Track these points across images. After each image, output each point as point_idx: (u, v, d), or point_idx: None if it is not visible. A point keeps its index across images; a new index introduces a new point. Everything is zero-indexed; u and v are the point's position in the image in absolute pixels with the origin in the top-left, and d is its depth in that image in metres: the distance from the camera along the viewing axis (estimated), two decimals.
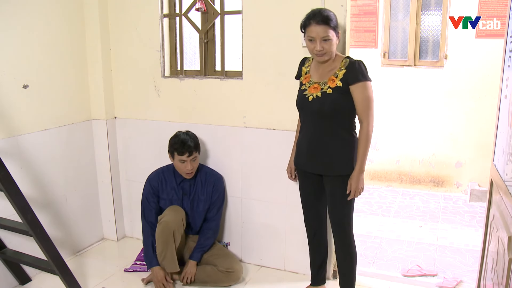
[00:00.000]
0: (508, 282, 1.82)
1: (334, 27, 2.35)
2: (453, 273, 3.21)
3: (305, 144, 2.55)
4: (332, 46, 2.38)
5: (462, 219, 4.32)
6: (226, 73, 3.18)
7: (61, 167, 3.27)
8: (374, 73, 5.15)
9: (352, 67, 2.37)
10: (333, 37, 2.35)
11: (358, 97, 2.37)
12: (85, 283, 3.00)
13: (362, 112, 2.39)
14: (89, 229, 3.59)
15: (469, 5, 4.60)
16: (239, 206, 3.26)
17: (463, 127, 4.91)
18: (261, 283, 3.08)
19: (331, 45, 2.37)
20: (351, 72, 2.37)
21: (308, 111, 2.49)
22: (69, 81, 3.29)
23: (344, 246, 2.60)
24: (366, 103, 2.38)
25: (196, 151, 2.95)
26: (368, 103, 2.38)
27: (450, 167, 5.08)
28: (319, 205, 2.70)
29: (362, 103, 2.38)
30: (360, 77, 2.36)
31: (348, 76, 2.37)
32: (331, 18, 2.34)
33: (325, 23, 2.33)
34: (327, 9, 2.40)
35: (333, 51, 2.40)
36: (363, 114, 2.39)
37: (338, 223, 2.56)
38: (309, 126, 2.53)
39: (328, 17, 2.33)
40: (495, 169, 2.38)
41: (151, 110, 3.42)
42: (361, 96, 2.37)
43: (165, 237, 2.86)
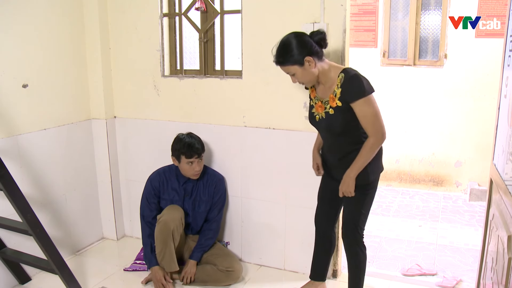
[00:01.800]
0: (508, 281, 1.82)
1: (293, 61, 2.28)
2: (453, 272, 3.21)
3: (326, 152, 2.60)
4: (304, 76, 2.33)
5: (461, 219, 4.32)
6: (226, 73, 3.18)
7: (61, 166, 3.27)
8: (374, 72, 5.17)
9: (347, 85, 2.29)
10: (297, 69, 2.30)
11: (360, 114, 2.30)
12: (84, 282, 3.00)
13: (367, 127, 2.32)
14: (88, 228, 3.59)
15: (469, 4, 4.60)
16: (239, 205, 3.26)
17: (462, 126, 4.92)
18: (260, 282, 3.08)
19: (302, 76, 2.33)
20: (347, 91, 2.30)
21: (319, 129, 2.52)
22: (69, 80, 3.29)
23: (352, 250, 2.59)
24: (368, 119, 2.29)
25: (203, 152, 2.95)
26: (371, 118, 2.29)
27: (449, 167, 5.09)
28: (332, 208, 2.69)
29: (364, 119, 2.30)
30: (357, 95, 2.27)
31: (345, 95, 2.30)
32: (284, 56, 2.29)
33: (280, 63, 2.32)
34: (286, 42, 2.30)
35: (309, 79, 2.35)
36: (368, 129, 2.32)
37: (350, 227, 2.55)
38: (326, 138, 2.55)
39: (281, 56, 2.30)
40: (495, 168, 2.38)
41: (151, 109, 3.42)
42: (362, 113, 2.29)
43: (164, 236, 2.86)
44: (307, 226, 3.06)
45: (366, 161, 2.35)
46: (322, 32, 2.33)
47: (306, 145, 2.94)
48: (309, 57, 2.27)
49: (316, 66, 2.31)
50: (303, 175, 3.00)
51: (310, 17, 2.78)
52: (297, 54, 2.26)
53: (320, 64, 2.33)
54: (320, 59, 2.33)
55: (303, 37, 2.29)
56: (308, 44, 2.27)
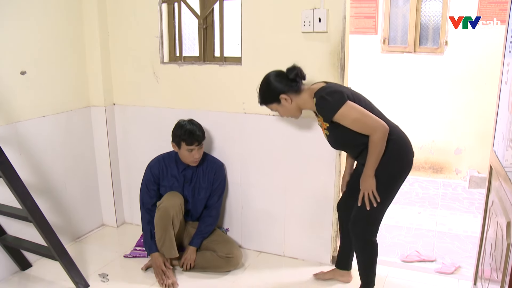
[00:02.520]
0: (506, 267, 1.83)
1: (271, 101, 2.50)
2: (452, 259, 3.23)
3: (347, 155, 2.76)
4: (285, 112, 2.53)
5: (461, 206, 4.33)
6: (225, 59, 3.16)
7: (60, 153, 3.27)
8: (374, 59, 5.16)
9: (319, 108, 2.39)
10: (277, 107, 2.51)
11: (346, 124, 2.36)
12: (85, 269, 3.02)
13: (361, 131, 2.35)
14: (88, 215, 3.59)
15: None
16: (238, 192, 3.26)
17: (462, 113, 4.91)
18: (260, 268, 3.09)
19: (283, 112, 2.53)
20: (322, 114, 2.40)
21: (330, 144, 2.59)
22: (67, 67, 3.27)
23: (358, 243, 2.60)
24: (356, 125, 2.34)
25: (204, 140, 2.95)
26: (358, 123, 2.34)
27: (449, 154, 5.09)
28: (350, 197, 2.66)
29: (353, 126, 2.35)
30: (330, 114, 2.34)
31: (323, 116, 2.40)
32: (262, 97, 2.53)
33: (261, 103, 2.56)
34: (262, 84, 2.53)
35: (291, 113, 2.53)
36: (364, 131, 2.35)
37: (358, 218, 2.55)
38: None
39: (259, 97, 2.55)
40: (495, 155, 2.38)
41: (150, 96, 3.40)
42: (347, 123, 2.35)
43: (163, 223, 2.86)
44: (306, 212, 3.07)
45: (378, 157, 2.36)
46: (296, 67, 2.47)
47: (306, 132, 2.94)
48: (284, 95, 2.45)
49: (294, 101, 2.47)
50: (302, 162, 3.00)
51: (309, 2, 2.75)
52: (272, 95, 2.47)
53: (299, 97, 2.47)
54: (298, 92, 2.47)
55: (278, 77, 2.48)
56: (281, 84, 2.45)
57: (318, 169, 2.96)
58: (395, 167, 2.46)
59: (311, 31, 2.77)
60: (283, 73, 2.49)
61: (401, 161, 2.48)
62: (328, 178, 2.95)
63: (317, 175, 2.96)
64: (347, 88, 2.52)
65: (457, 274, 3.02)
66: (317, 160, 2.96)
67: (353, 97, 2.40)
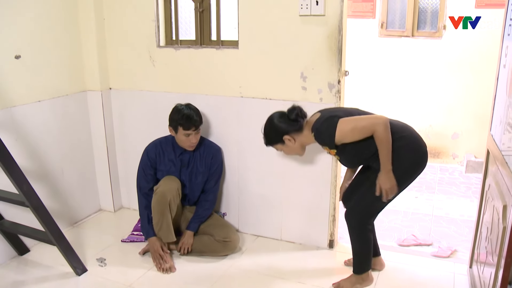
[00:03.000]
0: (501, 250, 1.84)
1: (275, 142, 2.60)
2: (448, 243, 3.24)
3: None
4: (289, 151, 2.62)
5: (457, 190, 4.35)
6: (222, 43, 3.14)
7: (57, 138, 3.26)
8: (372, 43, 5.13)
9: (318, 140, 2.48)
10: (281, 147, 2.61)
11: (349, 140, 2.39)
12: (82, 253, 3.02)
13: (363, 135, 2.36)
14: (86, 200, 3.59)
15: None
16: (235, 176, 3.26)
17: (460, 98, 4.90)
18: (257, 252, 3.11)
19: (288, 151, 2.63)
20: (324, 144, 2.49)
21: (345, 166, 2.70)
22: (62, 51, 3.24)
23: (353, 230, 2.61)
24: (356, 133, 2.37)
25: (201, 124, 2.94)
26: (357, 131, 2.36)
27: (446, 139, 5.09)
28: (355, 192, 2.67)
29: (355, 137, 2.37)
30: (331, 139, 2.40)
31: (327, 145, 2.48)
32: (266, 139, 2.63)
33: (266, 144, 2.66)
34: (265, 127, 2.62)
35: (295, 151, 2.63)
36: (365, 134, 2.36)
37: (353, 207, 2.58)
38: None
39: (264, 139, 2.64)
40: (492, 139, 2.38)
41: (147, 80, 3.38)
42: (349, 138, 2.38)
43: (161, 207, 2.86)
44: (303, 197, 3.08)
45: (388, 149, 2.34)
46: (296, 107, 2.54)
47: None
48: (287, 136, 2.54)
49: (297, 140, 2.56)
50: None
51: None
52: (275, 137, 2.58)
53: (301, 134, 2.55)
54: (300, 130, 2.54)
55: (280, 118, 2.56)
56: (283, 125, 2.54)
57: (315, 152, 2.96)
58: (409, 162, 2.45)
59: (308, 14, 2.75)
60: (285, 114, 2.57)
61: (415, 155, 2.47)
62: (325, 162, 2.95)
63: (314, 159, 2.96)
64: (340, 110, 2.57)
65: (453, 257, 3.04)
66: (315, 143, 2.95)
67: (346, 115, 2.43)
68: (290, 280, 2.76)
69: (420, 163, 2.48)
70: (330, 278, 2.76)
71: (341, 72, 2.80)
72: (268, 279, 2.78)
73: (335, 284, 2.68)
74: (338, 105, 2.84)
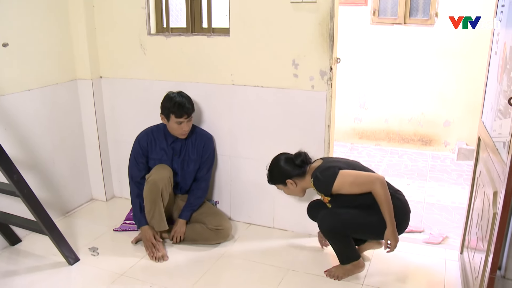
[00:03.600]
0: (491, 235, 1.85)
1: (278, 183, 2.72)
2: (439, 229, 3.26)
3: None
4: (290, 193, 2.74)
5: (449, 177, 4.37)
6: (213, 30, 3.11)
7: (47, 128, 3.23)
8: (364, 31, 5.12)
9: (316, 186, 2.57)
10: (283, 188, 2.72)
11: (346, 191, 2.50)
12: (75, 243, 3.01)
13: (360, 191, 2.47)
14: (77, 190, 3.58)
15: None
16: (228, 164, 3.26)
17: (452, 86, 4.91)
18: (250, 240, 3.12)
19: (288, 193, 2.74)
20: (320, 191, 2.58)
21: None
22: (52, 39, 3.20)
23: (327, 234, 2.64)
24: (354, 187, 2.48)
25: (193, 112, 2.92)
26: (355, 185, 2.47)
27: (438, 126, 5.11)
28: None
29: (352, 190, 2.48)
30: (328, 188, 2.50)
31: (323, 193, 2.58)
32: (270, 178, 2.75)
33: (269, 182, 2.77)
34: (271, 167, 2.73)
35: (295, 194, 2.75)
36: (363, 190, 2.47)
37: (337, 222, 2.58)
38: None
39: (268, 177, 2.76)
40: (483, 126, 2.39)
41: (138, 68, 3.35)
42: (346, 190, 2.49)
43: (153, 196, 2.85)
44: None
45: (389, 205, 2.43)
46: (302, 153, 2.66)
47: (295, 103, 2.93)
48: (290, 180, 2.65)
49: (299, 185, 2.66)
50: (292, 133, 2.99)
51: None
52: (279, 178, 2.70)
53: (303, 180, 2.65)
54: (303, 176, 2.64)
55: (286, 163, 2.66)
56: (288, 170, 2.65)
57: (307, 140, 2.96)
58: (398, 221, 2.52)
59: (300, 1, 2.73)
60: (291, 159, 2.67)
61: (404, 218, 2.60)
62: (317, 149, 2.95)
63: (306, 146, 2.95)
64: (341, 161, 2.67)
65: (445, 244, 3.06)
66: (306, 131, 2.95)
67: (347, 167, 2.55)
68: (282, 267, 2.77)
69: (404, 227, 2.60)
70: (322, 265, 2.78)
71: (333, 59, 2.79)
72: (261, 267, 2.79)
73: (327, 271, 2.70)
74: (330, 93, 2.83)
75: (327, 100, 2.85)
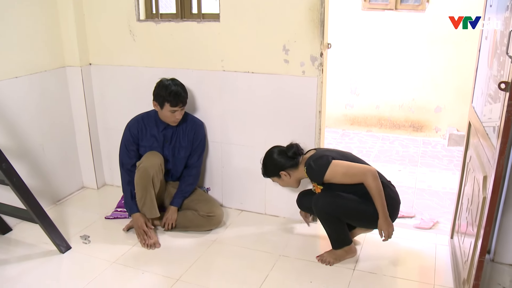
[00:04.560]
0: (481, 219, 1.87)
1: (272, 175, 2.76)
2: (430, 215, 3.29)
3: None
4: (284, 184, 2.77)
5: (440, 163, 4.40)
6: (203, 16, 3.08)
7: (36, 116, 3.19)
8: (355, 17, 5.09)
9: (308, 174, 2.61)
10: (277, 180, 2.76)
11: (337, 181, 2.53)
12: (66, 231, 3.00)
13: (352, 181, 2.51)
14: (68, 178, 3.56)
15: None
16: (219, 151, 3.25)
17: (443, 72, 4.91)
18: (242, 226, 3.12)
19: (283, 184, 2.78)
20: (312, 179, 2.62)
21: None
22: (39, 26, 3.15)
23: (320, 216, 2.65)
24: (346, 178, 2.51)
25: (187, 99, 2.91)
26: (347, 176, 2.50)
27: (429, 112, 5.12)
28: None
29: (344, 180, 2.52)
30: (320, 176, 2.54)
31: (315, 181, 2.63)
32: (264, 171, 2.78)
33: (263, 175, 2.81)
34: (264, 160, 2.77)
35: (289, 185, 2.78)
36: (354, 181, 2.50)
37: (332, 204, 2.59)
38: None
39: (262, 170, 2.80)
40: (474, 111, 2.39)
41: (127, 55, 3.32)
42: (338, 179, 2.53)
43: (144, 183, 2.84)
44: None
45: (381, 196, 2.48)
46: (294, 145, 2.71)
47: (286, 89, 2.92)
48: (284, 172, 2.70)
49: (292, 176, 2.70)
50: (283, 119, 2.99)
51: None
52: (273, 170, 2.74)
53: (297, 170, 2.69)
54: (296, 166, 2.68)
55: (279, 155, 2.70)
56: (281, 162, 2.69)
57: (298, 126, 2.95)
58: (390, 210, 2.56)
59: None
60: (284, 151, 2.71)
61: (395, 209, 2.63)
62: (308, 136, 2.94)
63: (297, 132, 2.95)
64: (334, 151, 2.71)
65: (435, 229, 3.08)
66: (297, 117, 2.95)
67: (340, 157, 2.59)
68: (274, 253, 2.78)
69: (393, 218, 2.62)
70: (314, 251, 2.79)
71: (324, 44, 2.77)
72: (253, 253, 2.80)
73: (318, 256, 2.71)
74: (321, 78, 2.82)
75: (318, 86, 2.84)
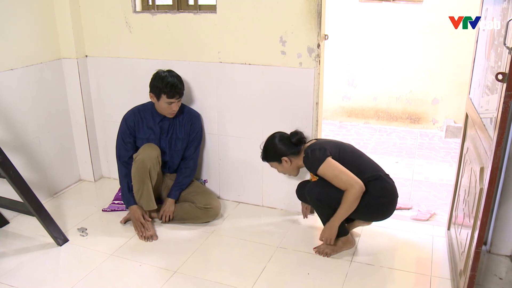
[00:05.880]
0: (478, 211, 1.87)
1: (272, 160, 2.75)
2: (427, 206, 3.29)
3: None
4: (284, 170, 2.77)
5: (437, 155, 4.40)
6: (200, 7, 3.07)
7: (32, 108, 3.18)
8: (352, 9, 5.07)
9: (304, 163, 2.62)
10: (277, 165, 2.76)
11: (328, 180, 2.53)
12: (63, 224, 3.00)
13: (338, 186, 2.50)
14: (65, 170, 3.55)
15: None
16: (216, 143, 3.25)
17: (440, 63, 4.91)
18: (239, 218, 3.12)
19: (282, 170, 2.78)
20: (307, 168, 2.63)
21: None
22: (34, 18, 3.13)
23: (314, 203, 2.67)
24: (334, 180, 2.50)
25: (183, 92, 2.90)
26: (336, 179, 2.50)
27: (426, 104, 5.12)
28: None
29: (333, 182, 2.51)
30: (314, 169, 2.55)
31: (310, 170, 2.65)
32: (265, 155, 2.78)
33: (263, 159, 2.82)
34: (266, 143, 2.77)
35: (289, 172, 2.79)
36: (340, 187, 2.49)
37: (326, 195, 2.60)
38: None
39: (263, 154, 2.80)
40: (471, 102, 2.39)
41: (123, 47, 3.30)
42: (328, 179, 2.52)
43: (141, 175, 2.84)
44: None
45: (348, 211, 2.51)
46: (299, 132, 2.72)
47: (283, 80, 2.91)
48: (285, 158, 2.70)
49: (293, 162, 2.71)
50: (280, 111, 2.98)
51: None
52: (274, 155, 2.73)
53: (298, 158, 2.70)
54: (298, 154, 2.69)
55: (282, 140, 2.71)
56: (284, 147, 2.69)
57: (295, 118, 2.95)
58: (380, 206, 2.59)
59: None
60: (287, 137, 2.72)
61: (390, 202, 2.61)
62: (305, 127, 2.94)
63: (294, 124, 2.95)
64: (334, 143, 2.69)
65: (432, 220, 3.09)
66: (294, 108, 2.94)
67: (339, 151, 2.59)
68: (271, 245, 2.79)
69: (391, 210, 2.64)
70: (311, 242, 2.80)
71: (321, 36, 2.76)
72: (250, 245, 2.80)
73: (316, 248, 2.72)
74: (318, 70, 2.81)
75: (315, 77, 2.83)
